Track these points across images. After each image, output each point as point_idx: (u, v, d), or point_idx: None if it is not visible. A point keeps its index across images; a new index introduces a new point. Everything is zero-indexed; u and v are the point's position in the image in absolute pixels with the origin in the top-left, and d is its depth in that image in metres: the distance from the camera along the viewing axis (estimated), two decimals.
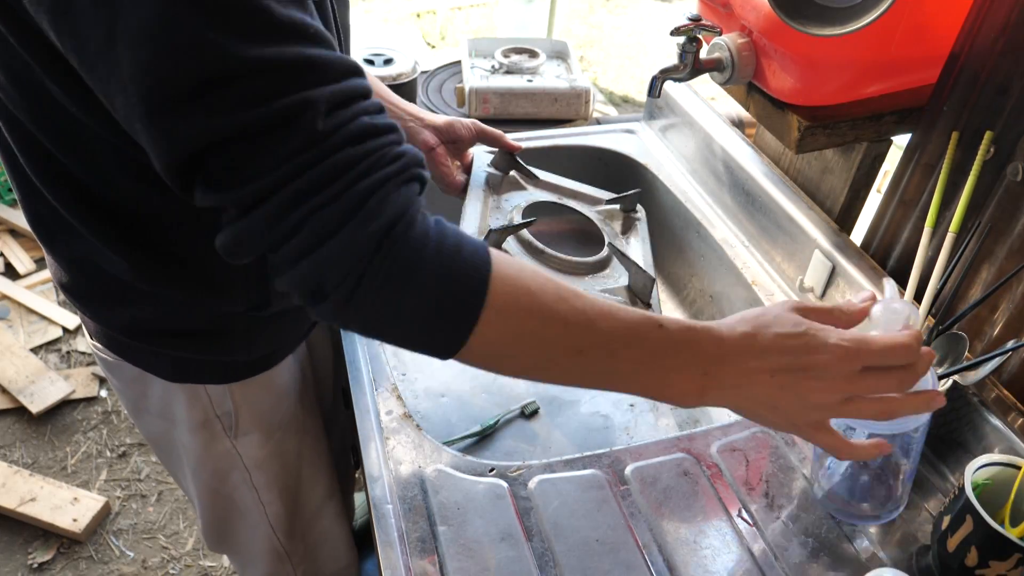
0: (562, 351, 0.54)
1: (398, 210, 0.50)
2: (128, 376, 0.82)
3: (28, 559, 1.63)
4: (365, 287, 0.50)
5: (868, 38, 0.78)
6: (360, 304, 0.51)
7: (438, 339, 0.53)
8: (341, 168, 0.49)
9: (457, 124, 0.93)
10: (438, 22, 3.90)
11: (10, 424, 1.90)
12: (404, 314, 0.52)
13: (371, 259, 0.49)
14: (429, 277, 0.50)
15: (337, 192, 0.49)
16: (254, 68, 0.46)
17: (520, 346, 0.54)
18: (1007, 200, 0.78)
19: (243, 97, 0.46)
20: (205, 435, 0.85)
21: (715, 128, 1.17)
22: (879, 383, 0.56)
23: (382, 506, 0.73)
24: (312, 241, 0.49)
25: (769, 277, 1.04)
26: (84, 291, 0.74)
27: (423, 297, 0.51)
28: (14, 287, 2.23)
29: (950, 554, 0.66)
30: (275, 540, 0.97)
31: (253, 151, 0.48)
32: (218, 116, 0.46)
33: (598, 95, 1.57)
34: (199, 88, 0.46)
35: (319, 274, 0.50)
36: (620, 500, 0.76)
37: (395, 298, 0.51)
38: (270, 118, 0.47)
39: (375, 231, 0.49)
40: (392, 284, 0.50)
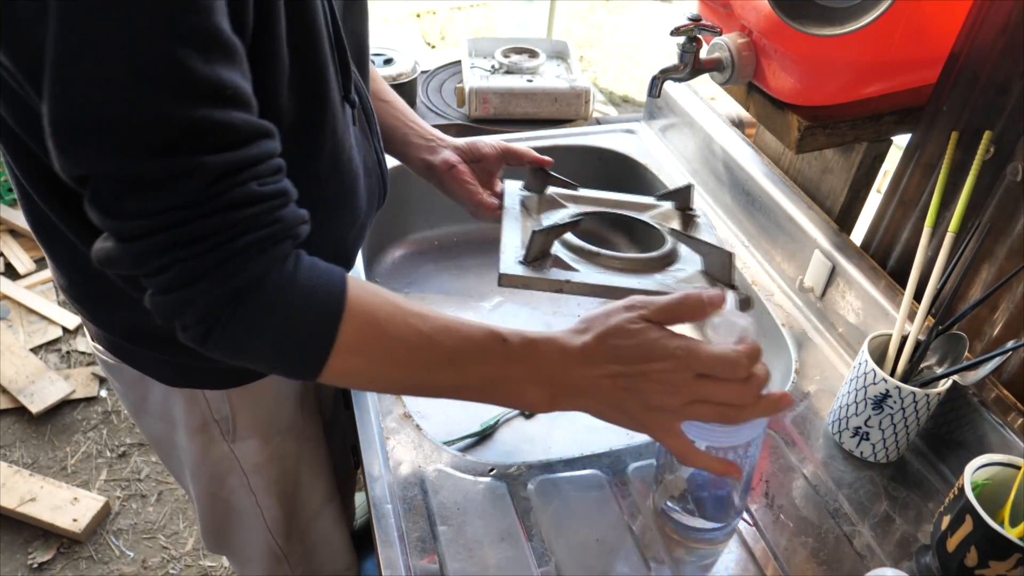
0: (411, 374, 0.60)
1: (256, 271, 0.54)
2: (128, 379, 0.82)
3: (28, 559, 1.63)
4: (218, 333, 0.54)
5: (868, 38, 0.78)
6: (215, 344, 0.56)
7: (293, 373, 0.60)
8: (212, 230, 0.52)
9: (480, 143, 0.90)
10: (438, 22, 3.90)
11: (10, 424, 1.90)
12: (257, 356, 0.58)
13: (223, 311, 0.54)
14: (278, 329, 0.56)
15: (203, 251, 0.52)
16: (159, 122, 0.48)
17: (371, 375, 0.61)
18: (1007, 200, 0.78)
19: (141, 146, 0.48)
20: (203, 439, 0.85)
21: (715, 128, 1.17)
22: (715, 391, 0.58)
23: (382, 506, 0.73)
24: (175, 284, 0.53)
25: (769, 277, 1.04)
26: (83, 294, 0.74)
27: (273, 345, 0.56)
28: (14, 287, 2.23)
29: (950, 554, 0.66)
30: (272, 543, 0.97)
31: (138, 194, 0.50)
32: (113, 155, 0.49)
33: (598, 95, 1.57)
34: (104, 124, 0.47)
35: (179, 312, 0.54)
36: (620, 500, 0.76)
37: (246, 344, 0.56)
38: (160, 173, 0.49)
39: (229, 289, 0.53)
40: (242, 333, 0.55)
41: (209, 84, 0.49)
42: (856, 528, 0.75)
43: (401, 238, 1.26)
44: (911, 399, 0.75)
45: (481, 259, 1.23)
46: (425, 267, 1.21)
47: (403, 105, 0.90)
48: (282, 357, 0.58)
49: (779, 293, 1.02)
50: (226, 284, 0.53)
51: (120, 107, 0.47)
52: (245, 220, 0.53)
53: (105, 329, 0.77)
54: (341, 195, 0.75)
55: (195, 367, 0.78)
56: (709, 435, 0.63)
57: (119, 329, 0.76)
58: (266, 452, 0.88)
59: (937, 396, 0.75)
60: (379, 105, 0.89)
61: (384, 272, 1.22)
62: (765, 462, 0.80)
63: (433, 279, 1.21)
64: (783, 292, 1.02)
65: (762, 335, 0.98)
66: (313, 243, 0.71)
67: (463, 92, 1.45)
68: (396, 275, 1.22)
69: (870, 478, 0.79)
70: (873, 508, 0.76)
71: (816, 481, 0.79)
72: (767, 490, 0.78)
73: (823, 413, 0.86)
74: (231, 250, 0.53)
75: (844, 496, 0.78)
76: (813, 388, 0.89)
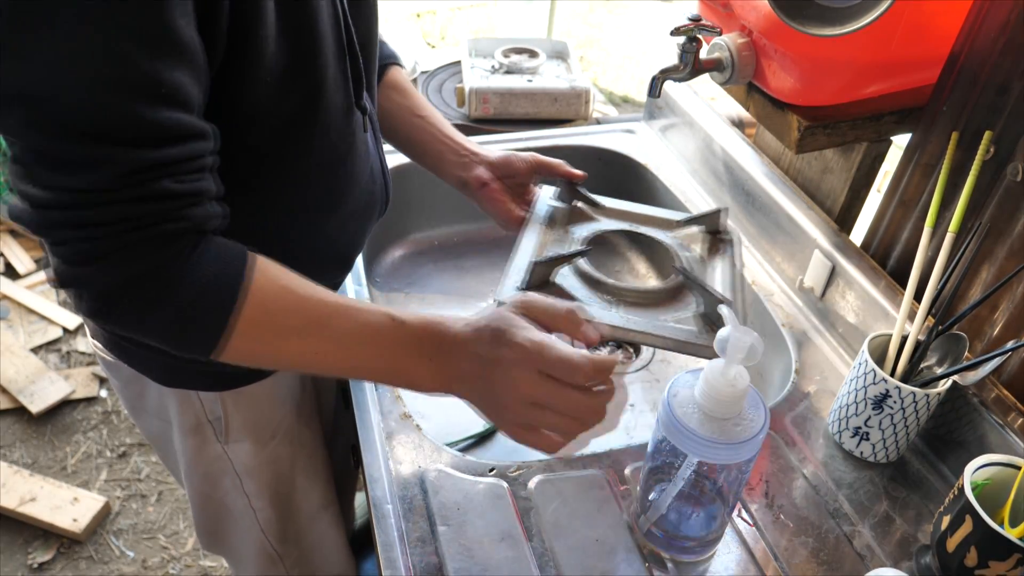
0: (300, 355, 0.62)
1: (152, 262, 0.55)
2: (126, 376, 0.82)
3: (28, 559, 1.63)
4: (112, 313, 0.57)
5: (868, 38, 0.78)
6: (107, 322, 0.58)
7: (186, 352, 0.60)
8: (113, 218, 0.53)
9: (513, 158, 0.90)
10: (438, 22, 3.90)
11: (10, 424, 1.90)
12: (149, 337, 0.59)
13: (116, 294, 0.56)
14: (169, 315, 0.57)
15: (101, 235, 0.54)
16: (86, 108, 0.50)
17: (265, 356, 0.63)
18: (1007, 200, 0.78)
19: (62, 127, 0.50)
20: (197, 439, 0.85)
21: (715, 128, 1.17)
22: (554, 395, 0.59)
23: (382, 506, 0.73)
24: (72, 259, 0.55)
25: (769, 277, 1.04)
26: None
27: (164, 329, 0.58)
28: (14, 287, 2.23)
29: (949, 554, 0.66)
30: (267, 544, 0.97)
31: (51, 169, 0.52)
32: (34, 129, 0.50)
33: (598, 95, 1.57)
34: (32, 99, 0.49)
35: (74, 285, 0.56)
36: (620, 500, 0.76)
37: (138, 327, 0.58)
38: (75, 155, 0.51)
39: (122, 275, 0.55)
40: (134, 316, 0.57)
41: (146, 80, 0.50)
42: (856, 528, 0.75)
43: (401, 238, 1.26)
44: (911, 399, 0.75)
45: (481, 259, 1.23)
46: (425, 267, 1.21)
47: (439, 119, 0.90)
48: (174, 340, 0.59)
49: (779, 293, 1.02)
50: (120, 270, 0.55)
51: (49, 86, 0.48)
52: (150, 214, 0.54)
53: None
54: (331, 197, 0.75)
55: (186, 368, 0.78)
56: (704, 451, 0.63)
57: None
58: (260, 455, 0.88)
59: (937, 396, 0.75)
60: (415, 121, 0.90)
61: (384, 272, 1.22)
62: (765, 462, 0.80)
63: (433, 279, 1.21)
64: (783, 292, 1.02)
65: (762, 335, 0.98)
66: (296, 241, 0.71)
67: (463, 92, 1.46)
68: (396, 275, 1.22)
69: (870, 478, 0.79)
70: (873, 508, 0.76)
71: (816, 481, 0.79)
72: (767, 490, 0.78)
73: (823, 413, 0.86)
74: (128, 240, 0.54)
75: (844, 496, 0.78)
76: (813, 388, 0.89)
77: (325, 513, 1.02)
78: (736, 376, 0.61)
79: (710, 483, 0.69)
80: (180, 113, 0.53)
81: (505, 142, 1.27)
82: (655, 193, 1.24)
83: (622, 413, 0.59)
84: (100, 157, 0.51)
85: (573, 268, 0.82)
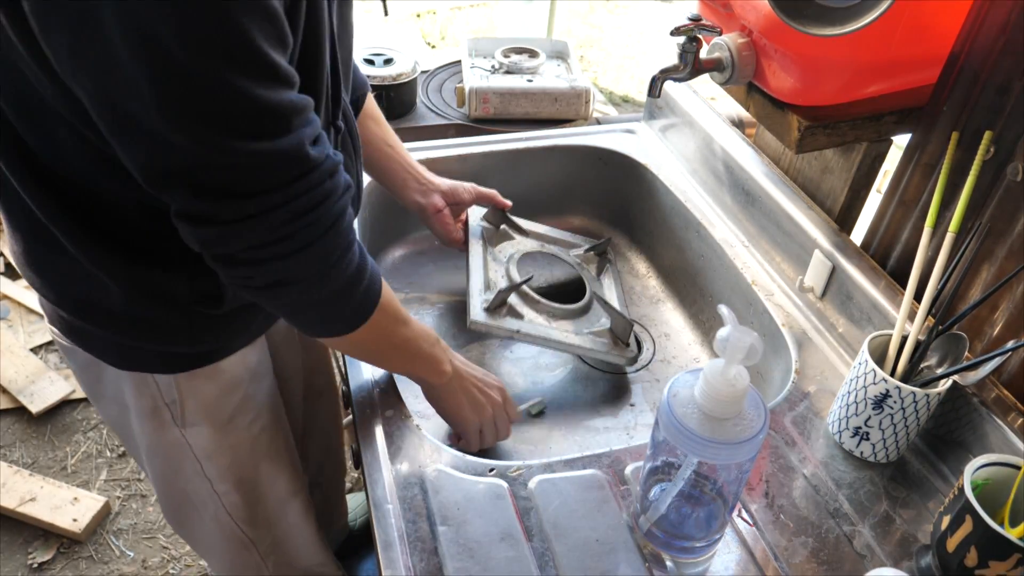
0: (387, 355, 0.82)
1: (352, 230, 0.67)
2: (82, 361, 0.82)
3: (28, 559, 1.63)
4: (321, 286, 0.67)
5: (868, 38, 0.78)
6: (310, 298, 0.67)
7: (329, 332, 0.74)
8: (326, 194, 0.63)
9: (459, 188, 1.09)
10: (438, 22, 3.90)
11: (10, 424, 1.91)
12: (328, 312, 0.71)
13: (333, 266, 0.66)
14: (358, 289, 0.71)
15: (323, 213, 0.63)
16: (263, 109, 0.56)
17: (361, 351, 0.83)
18: (1007, 200, 0.78)
19: (252, 130, 0.57)
20: (155, 423, 0.85)
21: (715, 128, 1.17)
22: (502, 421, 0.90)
23: (382, 506, 0.73)
24: (298, 246, 0.63)
25: (769, 277, 1.04)
26: (38, 262, 0.74)
27: (348, 303, 0.71)
28: (14, 287, 2.23)
29: (950, 554, 0.67)
30: (235, 528, 0.96)
31: (254, 174, 0.59)
32: (226, 142, 0.56)
33: (598, 95, 1.57)
34: (214, 118, 0.55)
35: (291, 271, 0.64)
36: (620, 500, 0.76)
37: (332, 301, 0.69)
38: (272, 151, 0.58)
39: (341, 244, 0.66)
40: (339, 290, 0.69)
41: (285, 73, 0.57)
42: (856, 528, 0.75)
43: (401, 238, 1.26)
44: (911, 399, 0.75)
45: None
46: (425, 267, 1.21)
47: (403, 150, 1.06)
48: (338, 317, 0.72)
49: (779, 293, 1.02)
50: (337, 242, 0.65)
51: (226, 99, 0.54)
52: (338, 185, 0.64)
53: (58, 302, 0.76)
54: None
55: (141, 350, 0.78)
56: (704, 451, 0.63)
57: (70, 301, 0.75)
58: (218, 439, 0.88)
59: (937, 396, 0.75)
60: (385, 150, 1.04)
61: (384, 272, 1.22)
62: (765, 462, 0.80)
63: (433, 279, 1.21)
64: (783, 292, 1.02)
65: (762, 335, 0.98)
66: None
67: (463, 92, 1.46)
68: (396, 275, 1.22)
69: (870, 478, 0.79)
70: (873, 508, 0.77)
71: (816, 481, 0.79)
72: (767, 490, 0.78)
73: (823, 413, 0.86)
74: (337, 211, 0.64)
75: (844, 496, 0.78)
76: (813, 388, 0.89)
77: (295, 500, 1.02)
78: (736, 376, 0.61)
79: (710, 483, 0.70)
80: (299, 93, 0.60)
81: (505, 142, 1.27)
82: (655, 193, 1.24)
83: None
84: (295, 143, 0.59)
85: (518, 292, 1.05)
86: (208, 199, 0.59)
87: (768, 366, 1.00)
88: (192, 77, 0.52)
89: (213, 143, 0.56)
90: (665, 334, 1.17)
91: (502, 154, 1.26)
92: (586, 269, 1.17)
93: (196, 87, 0.53)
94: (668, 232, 1.23)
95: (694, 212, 1.16)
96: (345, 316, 0.72)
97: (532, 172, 1.29)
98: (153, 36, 0.50)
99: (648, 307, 1.21)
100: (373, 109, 1.02)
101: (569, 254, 1.18)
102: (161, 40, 0.50)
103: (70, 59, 0.53)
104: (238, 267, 0.64)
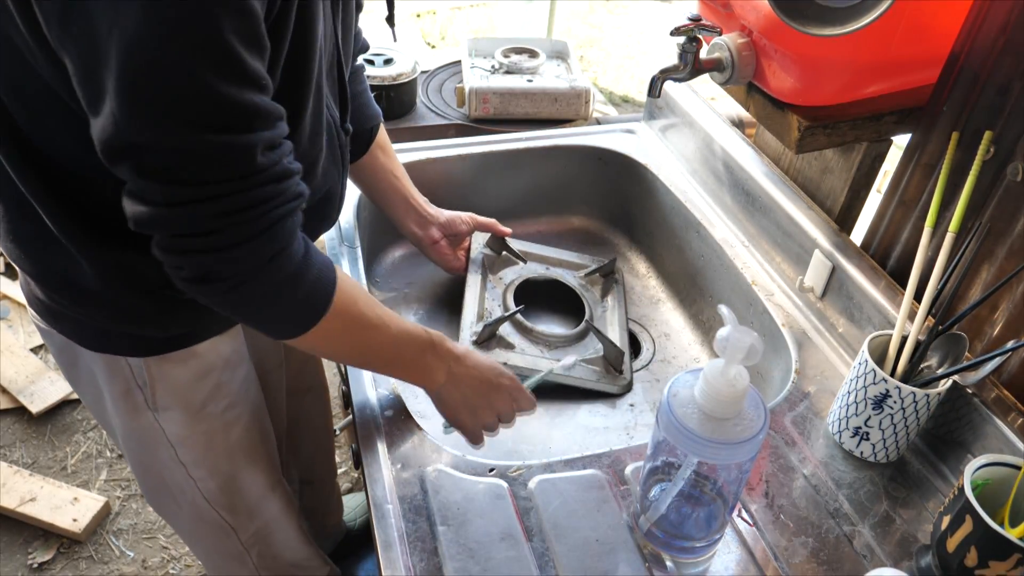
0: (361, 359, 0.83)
1: (288, 237, 0.66)
2: (58, 344, 0.83)
3: (28, 559, 1.63)
4: (249, 287, 0.65)
5: (868, 38, 0.78)
6: (239, 297, 0.66)
7: (279, 335, 0.73)
8: (263, 199, 0.62)
9: (457, 220, 1.12)
10: (438, 22, 3.90)
11: (10, 424, 1.91)
12: (266, 313, 0.70)
13: (257, 272, 0.65)
14: (296, 293, 0.69)
15: (255, 216, 0.62)
16: (221, 102, 0.57)
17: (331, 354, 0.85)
18: (1007, 200, 0.78)
19: (205, 121, 0.57)
20: (127, 405, 0.85)
21: (715, 128, 1.17)
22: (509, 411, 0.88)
23: (382, 506, 0.73)
24: (224, 243, 0.62)
25: (769, 277, 1.04)
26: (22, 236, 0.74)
27: (285, 306, 0.69)
28: (14, 287, 2.23)
29: (950, 554, 0.67)
30: (213, 513, 0.97)
31: (197, 163, 0.59)
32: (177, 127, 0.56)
33: (598, 95, 1.57)
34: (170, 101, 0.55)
35: (215, 268, 0.63)
36: (620, 500, 0.76)
37: (264, 302, 0.68)
38: (215, 147, 0.58)
39: (271, 249, 0.64)
40: (270, 292, 0.67)
41: (253, 74, 0.58)
42: (856, 528, 0.75)
43: (401, 238, 1.26)
44: (911, 399, 0.75)
45: None
46: (425, 267, 1.21)
47: (408, 182, 1.09)
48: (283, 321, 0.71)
49: (779, 293, 1.02)
50: (268, 247, 0.64)
51: (189, 88, 0.55)
52: (282, 192, 0.63)
53: (37, 277, 0.77)
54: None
55: (113, 332, 0.79)
56: (704, 451, 0.63)
57: (53, 277, 0.76)
58: (191, 425, 0.88)
59: (937, 396, 0.75)
60: (391, 181, 1.06)
61: (384, 272, 1.22)
62: (765, 462, 0.80)
63: (433, 279, 1.21)
64: (783, 292, 1.02)
65: (762, 335, 0.98)
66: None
67: (463, 92, 1.46)
68: (396, 275, 1.22)
69: (870, 478, 0.79)
70: (873, 508, 0.77)
71: (816, 481, 0.79)
72: (767, 490, 0.78)
73: (823, 413, 0.86)
74: (273, 218, 0.63)
75: (844, 496, 0.78)
76: (813, 388, 0.89)
77: (274, 495, 1.02)
78: (736, 376, 0.61)
79: (710, 483, 0.70)
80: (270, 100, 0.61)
81: (505, 142, 1.27)
82: (655, 193, 1.24)
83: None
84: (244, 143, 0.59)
85: (511, 322, 1.06)
86: (149, 179, 0.59)
87: (768, 366, 1.00)
88: (157, 60, 0.53)
89: (165, 127, 0.56)
90: (665, 334, 1.17)
91: (502, 154, 1.26)
92: (591, 291, 1.16)
93: (159, 70, 0.54)
94: (668, 232, 1.23)
95: (694, 212, 1.16)
96: (287, 319, 0.71)
97: (532, 172, 1.29)
98: (127, 13, 0.51)
99: (648, 307, 1.21)
100: (384, 139, 1.05)
101: (574, 276, 1.18)
102: (133, 18, 0.52)
103: (59, 27, 0.54)
104: (169, 255, 0.64)
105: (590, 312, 1.12)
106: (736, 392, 0.61)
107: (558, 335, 1.07)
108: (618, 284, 1.20)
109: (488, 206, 1.29)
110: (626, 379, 1.05)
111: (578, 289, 1.15)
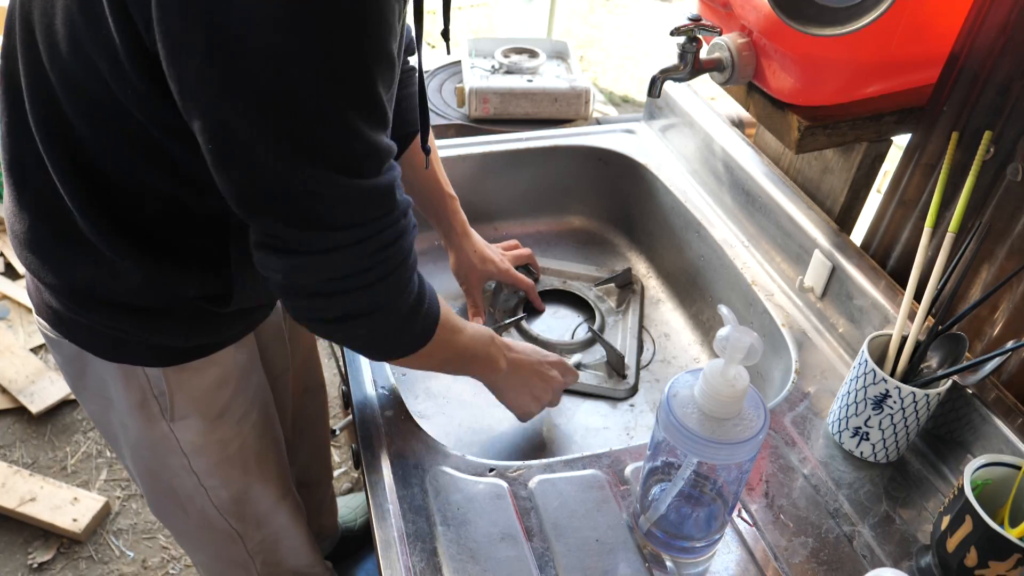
0: (446, 366, 0.86)
1: (415, 262, 0.71)
2: (68, 353, 0.82)
3: (28, 559, 1.63)
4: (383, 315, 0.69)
5: (868, 38, 0.78)
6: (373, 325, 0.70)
7: (386, 356, 0.79)
8: (403, 231, 0.66)
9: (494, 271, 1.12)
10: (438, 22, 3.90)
11: (10, 424, 1.91)
12: (389, 341, 0.74)
13: (400, 295, 0.69)
14: (418, 316, 0.74)
15: (397, 250, 0.66)
16: (370, 149, 0.60)
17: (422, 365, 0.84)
18: (1007, 200, 0.78)
19: (358, 167, 0.60)
20: (143, 416, 0.84)
21: (715, 128, 1.17)
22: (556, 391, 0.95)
23: (382, 506, 0.73)
24: (373, 279, 0.66)
25: (769, 277, 1.04)
26: (43, 242, 0.74)
27: (407, 331, 0.74)
28: (14, 287, 2.23)
29: (950, 554, 0.67)
30: (222, 520, 0.96)
31: (350, 208, 0.61)
32: (332, 174, 0.59)
33: (598, 95, 1.57)
34: (323, 151, 0.57)
35: (362, 304, 0.67)
36: (620, 500, 0.76)
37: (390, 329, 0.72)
38: (370, 189, 0.61)
39: (407, 277, 0.70)
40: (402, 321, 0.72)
41: (387, 118, 0.61)
42: (856, 528, 0.75)
43: None
44: (911, 399, 0.75)
45: None
46: (425, 267, 1.21)
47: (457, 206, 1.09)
48: (397, 343, 0.75)
49: (779, 293, 1.02)
50: (405, 275, 0.69)
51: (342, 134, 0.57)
52: (411, 221, 0.68)
53: (55, 287, 0.76)
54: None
55: (132, 342, 0.78)
56: (704, 451, 0.63)
57: (69, 286, 0.75)
58: (207, 433, 0.88)
59: (937, 396, 0.75)
60: (448, 201, 1.07)
61: None
62: (765, 462, 0.80)
63: (433, 279, 1.21)
64: (783, 292, 1.02)
65: (762, 335, 0.99)
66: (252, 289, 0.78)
67: (463, 92, 1.45)
68: None
69: (870, 478, 0.79)
70: (873, 508, 0.77)
71: (816, 481, 0.79)
72: (767, 490, 0.78)
73: (823, 413, 0.86)
74: (407, 247, 0.68)
75: (844, 496, 0.78)
76: (813, 388, 0.89)
77: (284, 502, 1.02)
78: (736, 376, 0.61)
79: (710, 483, 0.70)
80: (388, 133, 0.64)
81: (505, 142, 1.27)
82: (655, 193, 1.24)
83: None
84: (388, 182, 0.63)
85: (516, 327, 1.11)
86: (298, 228, 0.61)
87: (768, 366, 1.00)
88: (317, 113, 0.55)
89: (319, 176, 0.58)
90: (665, 334, 1.17)
91: (502, 154, 1.26)
92: (605, 302, 1.18)
93: (317, 123, 0.56)
94: (668, 232, 1.23)
95: (694, 212, 1.16)
96: (411, 339, 0.75)
97: (532, 172, 1.29)
98: (288, 73, 0.53)
99: (648, 307, 1.21)
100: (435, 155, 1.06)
101: (591, 290, 1.20)
102: (296, 77, 0.53)
103: (197, 82, 0.55)
104: (314, 299, 0.66)
105: (601, 320, 1.14)
106: (736, 392, 0.61)
107: (561, 343, 1.09)
108: (635, 294, 1.22)
109: (488, 206, 1.29)
110: (629, 383, 1.05)
111: (594, 300, 1.18)
